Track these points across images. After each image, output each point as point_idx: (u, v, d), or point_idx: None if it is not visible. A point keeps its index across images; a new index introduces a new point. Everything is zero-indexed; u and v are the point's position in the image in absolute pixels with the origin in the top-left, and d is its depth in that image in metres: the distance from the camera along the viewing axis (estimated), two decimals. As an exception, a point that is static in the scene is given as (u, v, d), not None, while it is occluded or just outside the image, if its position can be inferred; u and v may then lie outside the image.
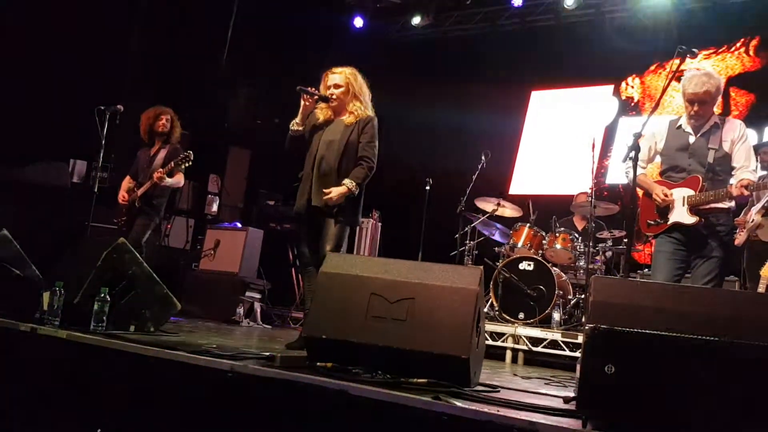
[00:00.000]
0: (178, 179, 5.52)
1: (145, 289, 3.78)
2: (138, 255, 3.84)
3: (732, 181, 3.88)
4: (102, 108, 5.38)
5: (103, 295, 3.39)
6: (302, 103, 4.08)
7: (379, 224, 8.41)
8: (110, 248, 3.66)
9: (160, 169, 5.35)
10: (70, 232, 5.83)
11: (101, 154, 5.43)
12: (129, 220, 5.49)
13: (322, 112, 4.18)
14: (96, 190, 5.48)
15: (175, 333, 3.84)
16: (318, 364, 2.71)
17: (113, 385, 2.85)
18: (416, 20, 9.28)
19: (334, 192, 3.91)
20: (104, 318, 3.36)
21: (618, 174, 7.88)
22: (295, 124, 4.12)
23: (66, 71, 7.05)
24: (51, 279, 3.61)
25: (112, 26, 7.86)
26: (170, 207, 7.28)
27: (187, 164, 5.37)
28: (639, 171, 3.87)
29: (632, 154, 3.52)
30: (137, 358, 2.81)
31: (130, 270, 3.72)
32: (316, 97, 4.09)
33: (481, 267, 2.87)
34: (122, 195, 5.54)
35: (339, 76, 4.12)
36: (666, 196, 3.87)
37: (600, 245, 6.13)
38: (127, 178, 5.67)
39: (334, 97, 4.11)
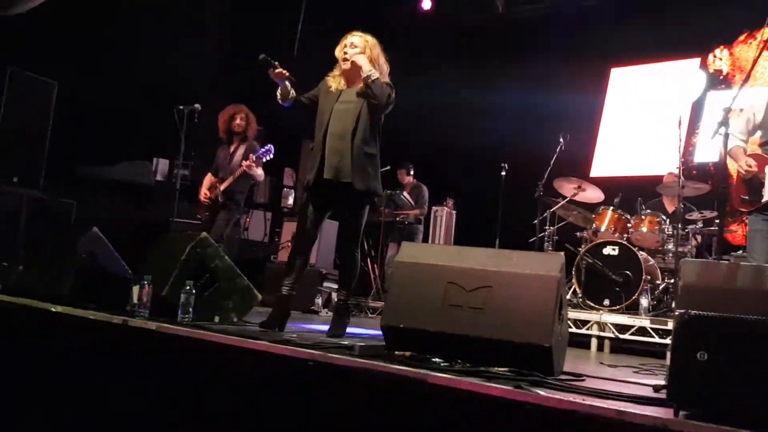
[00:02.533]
0: (259, 173, 5.67)
1: (228, 281, 3.89)
2: (219, 249, 3.96)
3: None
4: (181, 108, 5.57)
5: (188, 287, 3.50)
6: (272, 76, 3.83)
7: (454, 212, 8.33)
8: (194, 243, 3.79)
9: (251, 157, 5.47)
10: (156, 228, 6.09)
11: (181, 152, 5.63)
12: (211, 215, 5.68)
13: (334, 80, 3.86)
14: (178, 187, 5.70)
15: (257, 323, 3.92)
16: (396, 353, 2.71)
17: (200, 374, 2.94)
18: None
19: (356, 56, 3.64)
20: (190, 309, 3.47)
21: (707, 152, 7.47)
22: (280, 98, 3.89)
23: (145, 74, 7.34)
24: (139, 273, 3.77)
25: (187, 27, 8.12)
26: (249, 201, 7.49)
27: (268, 157, 5.49)
28: (737, 143, 3.68)
29: (722, 130, 3.32)
30: (223, 347, 2.89)
31: (212, 263, 3.83)
32: (276, 70, 3.79)
33: (562, 253, 2.77)
34: (204, 192, 5.73)
35: (358, 39, 3.80)
36: (750, 167, 3.63)
37: (690, 227, 5.83)
38: (209, 175, 5.87)
39: (347, 56, 3.76)
